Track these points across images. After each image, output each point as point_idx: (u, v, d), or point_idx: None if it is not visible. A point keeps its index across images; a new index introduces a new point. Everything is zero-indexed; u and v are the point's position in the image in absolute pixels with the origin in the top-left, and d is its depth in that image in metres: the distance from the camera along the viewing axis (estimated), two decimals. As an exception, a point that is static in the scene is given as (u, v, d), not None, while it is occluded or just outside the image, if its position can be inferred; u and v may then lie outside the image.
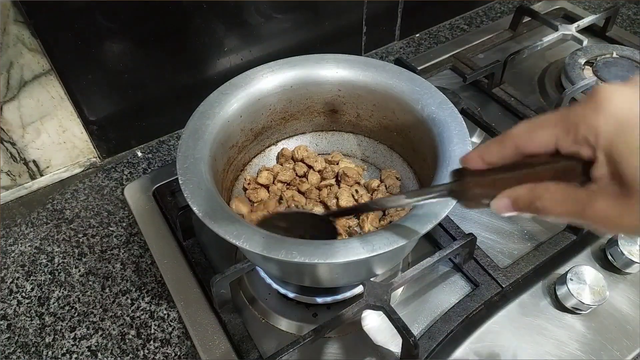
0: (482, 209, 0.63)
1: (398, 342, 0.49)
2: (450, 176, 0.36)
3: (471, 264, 0.57)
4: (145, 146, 0.75)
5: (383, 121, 0.58)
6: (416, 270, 0.52)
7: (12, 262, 0.61)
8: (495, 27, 0.93)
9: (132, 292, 0.58)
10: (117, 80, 0.66)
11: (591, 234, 0.60)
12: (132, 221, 0.64)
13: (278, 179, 0.58)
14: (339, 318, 0.48)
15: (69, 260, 0.61)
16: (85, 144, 0.69)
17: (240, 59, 0.73)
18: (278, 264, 0.47)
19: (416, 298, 0.56)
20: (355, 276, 0.50)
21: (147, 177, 0.69)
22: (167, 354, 0.52)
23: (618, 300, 0.54)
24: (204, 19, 0.66)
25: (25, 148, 0.65)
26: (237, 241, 0.40)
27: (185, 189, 0.44)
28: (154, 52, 0.66)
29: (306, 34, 0.78)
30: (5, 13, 0.54)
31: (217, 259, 0.59)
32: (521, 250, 0.59)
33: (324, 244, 0.40)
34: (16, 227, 0.65)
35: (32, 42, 0.57)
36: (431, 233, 0.58)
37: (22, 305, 0.57)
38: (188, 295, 0.55)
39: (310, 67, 0.57)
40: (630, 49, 0.81)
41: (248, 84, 0.54)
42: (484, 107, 0.78)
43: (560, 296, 0.53)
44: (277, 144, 0.62)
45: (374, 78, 0.56)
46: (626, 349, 0.51)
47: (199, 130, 0.50)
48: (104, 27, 0.60)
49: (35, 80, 0.60)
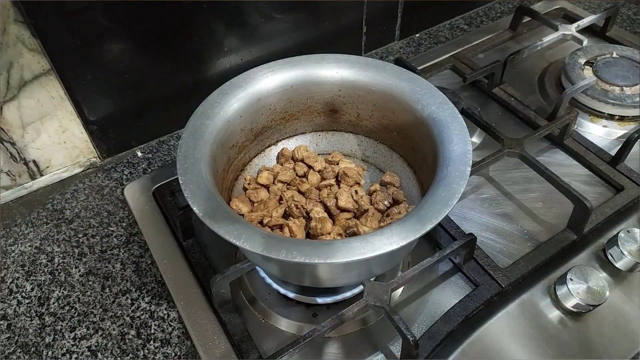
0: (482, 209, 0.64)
1: (398, 342, 0.49)
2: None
3: (471, 264, 0.57)
4: (145, 146, 0.75)
5: (383, 121, 0.58)
6: (416, 270, 0.52)
7: (12, 262, 0.61)
8: (495, 27, 0.93)
9: (132, 292, 0.58)
10: (117, 80, 0.66)
11: (591, 233, 0.60)
12: (132, 221, 0.64)
13: (278, 179, 0.58)
14: (339, 318, 0.48)
15: (69, 260, 0.61)
16: (85, 144, 0.69)
17: (240, 59, 0.73)
18: (278, 264, 0.47)
19: (416, 298, 0.56)
20: (355, 276, 0.50)
21: (147, 177, 0.69)
22: (167, 354, 0.52)
23: (618, 300, 0.54)
24: (204, 19, 0.66)
25: (25, 148, 0.65)
26: (237, 241, 0.40)
27: (186, 189, 0.44)
28: (154, 52, 0.66)
29: (306, 34, 0.78)
30: (5, 13, 0.54)
31: (217, 259, 0.59)
32: (521, 250, 0.59)
33: (324, 244, 0.40)
34: (16, 227, 0.65)
35: (32, 42, 0.57)
36: (431, 233, 0.58)
37: (22, 305, 0.57)
38: (188, 295, 0.55)
39: (311, 67, 0.57)
40: (630, 49, 0.81)
41: (248, 84, 0.54)
42: (484, 107, 0.78)
43: (560, 296, 0.53)
44: (277, 144, 0.62)
45: (374, 78, 0.56)
46: (626, 349, 0.51)
47: (199, 130, 0.50)
48: (104, 27, 0.60)
49: (35, 80, 0.60)
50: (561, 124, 0.69)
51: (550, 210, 0.64)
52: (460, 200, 0.62)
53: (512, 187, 0.67)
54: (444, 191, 0.43)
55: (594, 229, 0.60)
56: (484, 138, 0.72)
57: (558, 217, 0.62)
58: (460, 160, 0.46)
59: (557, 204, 0.63)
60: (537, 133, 0.68)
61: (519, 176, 0.68)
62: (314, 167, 0.60)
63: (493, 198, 0.65)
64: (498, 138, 0.67)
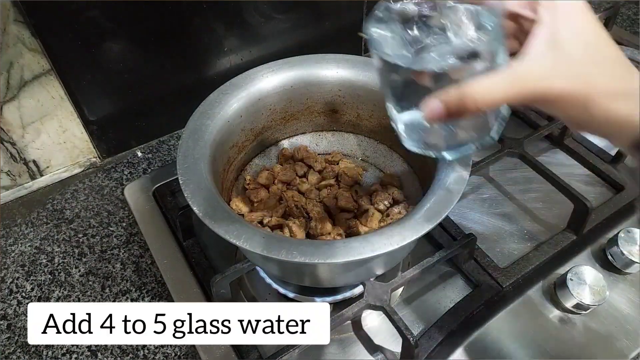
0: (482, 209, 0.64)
1: (398, 342, 0.49)
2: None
3: (471, 264, 0.57)
4: (145, 146, 0.75)
5: (383, 121, 0.58)
6: (416, 270, 0.52)
7: (12, 262, 0.61)
8: (495, 27, 0.93)
9: (132, 292, 0.57)
10: (117, 80, 0.66)
11: (591, 233, 0.60)
12: (132, 221, 0.64)
13: (278, 179, 0.58)
14: (339, 318, 0.48)
15: (69, 260, 0.61)
16: (85, 144, 0.69)
17: (240, 59, 0.73)
18: (278, 263, 0.47)
19: (416, 298, 0.56)
20: (355, 276, 0.50)
21: (147, 177, 0.69)
22: (167, 354, 0.52)
23: (618, 300, 0.54)
24: (204, 19, 0.66)
25: (25, 148, 0.65)
26: (237, 241, 0.40)
27: (186, 189, 0.44)
28: (154, 52, 0.66)
29: (306, 34, 0.78)
30: (5, 13, 0.54)
31: (217, 259, 0.59)
32: (521, 250, 0.59)
33: (324, 244, 0.40)
34: (16, 227, 0.65)
35: (32, 42, 0.57)
36: (431, 233, 0.58)
37: (22, 305, 0.57)
38: (188, 295, 0.55)
39: (311, 67, 0.57)
40: (630, 49, 0.80)
41: (248, 84, 0.54)
42: (484, 107, 0.78)
43: (560, 296, 0.53)
44: (277, 144, 0.62)
45: (374, 78, 0.55)
46: (626, 349, 0.51)
47: (199, 130, 0.50)
48: (104, 27, 0.60)
49: (35, 80, 0.60)
50: (561, 123, 0.69)
51: (550, 210, 0.64)
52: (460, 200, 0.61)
53: (512, 187, 0.67)
54: (444, 191, 0.43)
55: (594, 229, 0.60)
56: (484, 138, 0.72)
57: (558, 217, 0.62)
58: (460, 160, 0.46)
59: (557, 204, 0.63)
60: (537, 133, 0.68)
61: (519, 176, 0.68)
62: (314, 167, 0.60)
63: (493, 198, 0.65)
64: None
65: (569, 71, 0.31)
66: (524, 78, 0.31)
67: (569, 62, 0.31)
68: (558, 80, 0.31)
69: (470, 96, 0.31)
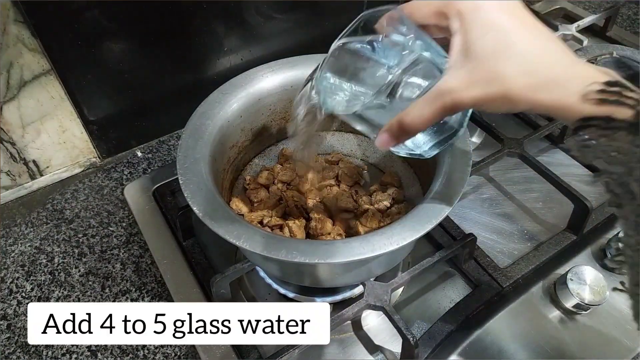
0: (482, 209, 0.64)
1: (398, 342, 0.49)
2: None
3: (471, 264, 0.57)
4: (145, 146, 0.75)
5: (383, 121, 0.58)
6: (416, 270, 0.52)
7: (12, 262, 0.61)
8: (495, 27, 0.93)
9: (132, 292, 0.57)
10: (117, 80, 0.66)
11: (591, 233, 0.60)
12: (132, 221, 0.64)
13: (278, 179, 0.58)
14: (339, 318, 0.48)
15: (69, 260, 0.61)
16: (85, 144, 0.69)
17: (240, 59, 0.73)
18: (278, 264, 0.47)
19: (416, 298, 0.56)
20: (355, 276, 0.50)
21: (147, 177, 0.69)
22: (167, 354, 0.52)
23: (618, 300, 0.54)
24: (204, 19, 0.66)
25: (25, 148, 0.65)
26: (237, 241, 0.40)
27: (186, 189, 0.44)
28: (154, 52, 0.66)
29: (306, 34, 0.78)
30: (5, 13, 0.54)
31: (217, 259, 0.59)
32: (521, 250, 0.59)
33: (324, 244, 0.40)
34: (16, 227, 0.65)
35: (32, 42, 0.57)
36: (431, 233, 0.58)
37: (22, 305, 0.57)
38: (188, 295, 0.55)
39: (311, 67, 0.56)
40: (630, 49, 0.80)
41: (248, 84, 0.54)
42: (484, 107, 0.78)
43: (560, 296, 0.53)
44: (277, 144, 0.62)
45: (374, 78, 0.55)
46: (626, 349, 0.51)
47: (199, 130, 0.50)
48: (104, 27, 0.60)
49: (35, 80, 0.60)
50: (561, 123, 0.69)
51: (550, 210, 0.64)
52: (460, 200, 0.62)
53: (512, 187, 0.67)
54: (444, 191, 0.44)
55: (594, 229, 0.60)
56: (484, 138, 0.72)
57: (558, 217, 0.62)
58: (460, 160, 0.46)
59: (557, 204, 0.63)
60: (537, 133, 0.68)
61: (519, 176, 0.68)
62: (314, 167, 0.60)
63: (493, 198, 0.65)
64: (498, 138, 0.67)
65: (481, 76, 0.31)
66: (443, 93, 0.32)
67: (481, 66, 0.31)
68: (473, 89, 0.31)
69: (406, 123, 0.34)
